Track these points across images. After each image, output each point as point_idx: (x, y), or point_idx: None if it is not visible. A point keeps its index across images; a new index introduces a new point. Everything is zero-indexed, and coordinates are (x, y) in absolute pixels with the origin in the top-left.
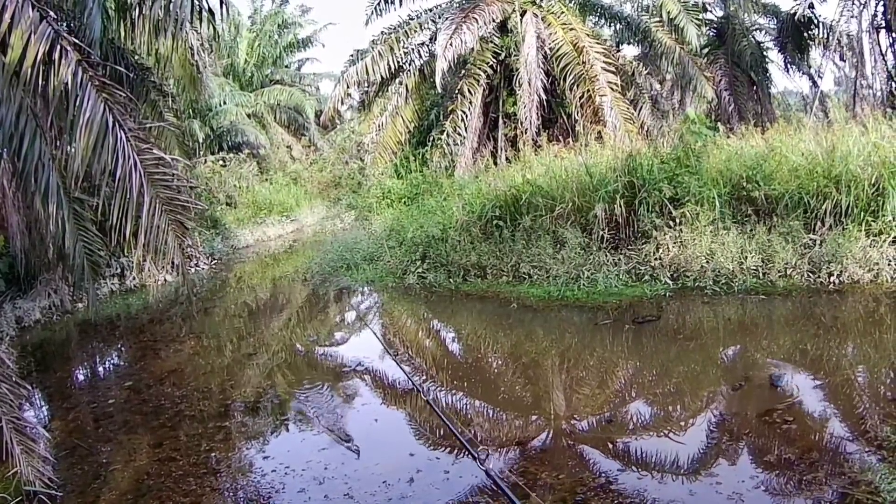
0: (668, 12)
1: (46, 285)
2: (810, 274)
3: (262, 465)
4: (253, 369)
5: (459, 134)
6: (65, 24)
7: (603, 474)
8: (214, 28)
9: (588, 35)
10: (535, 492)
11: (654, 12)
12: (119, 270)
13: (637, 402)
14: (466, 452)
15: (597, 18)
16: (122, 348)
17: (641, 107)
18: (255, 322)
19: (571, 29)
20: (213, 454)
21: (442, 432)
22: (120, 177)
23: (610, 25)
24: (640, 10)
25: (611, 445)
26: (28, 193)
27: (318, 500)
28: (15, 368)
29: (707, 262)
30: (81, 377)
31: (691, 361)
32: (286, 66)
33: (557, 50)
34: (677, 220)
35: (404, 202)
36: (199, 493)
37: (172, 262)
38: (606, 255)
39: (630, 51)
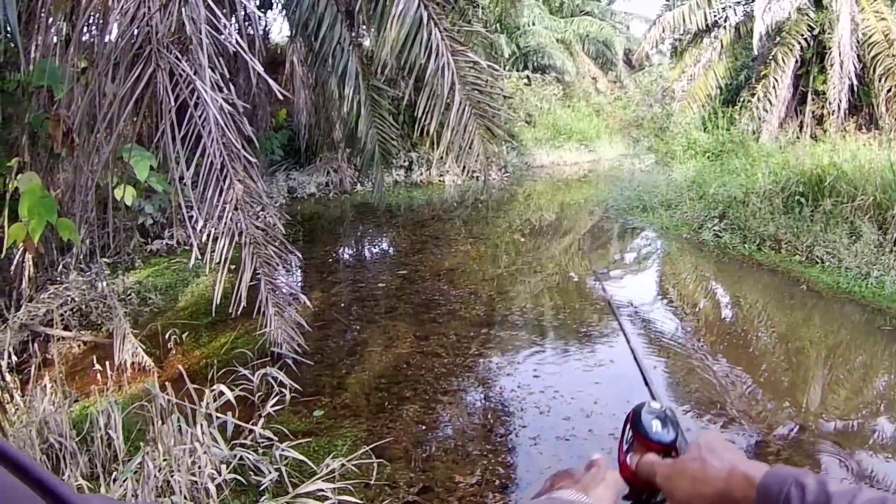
0: None
1: (327, 163)
2: None
3: (531, 383)
4: (528, 286)
5: (769, 101)
6: None
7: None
8: None
9: None
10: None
11: None
12: (407, 164)
13: (885, 417)
14: None
15: None
16: (399, 238)
17: None
18: (536, 241)
19: (883, 18)
20: (480, 360)
21: (711, 397)
22: (430, 73)
23: None
24: None
25: (853, 452)
26: (321, 74)
27: (583, 434)
28: (283, 233)
29: None
30: (349, 256)
31: None
32: (597, 0)
33: (869, 37)
34: None
35: (708, 156)
36: (459, 394)
37: (464, 166)
38: None
39: None
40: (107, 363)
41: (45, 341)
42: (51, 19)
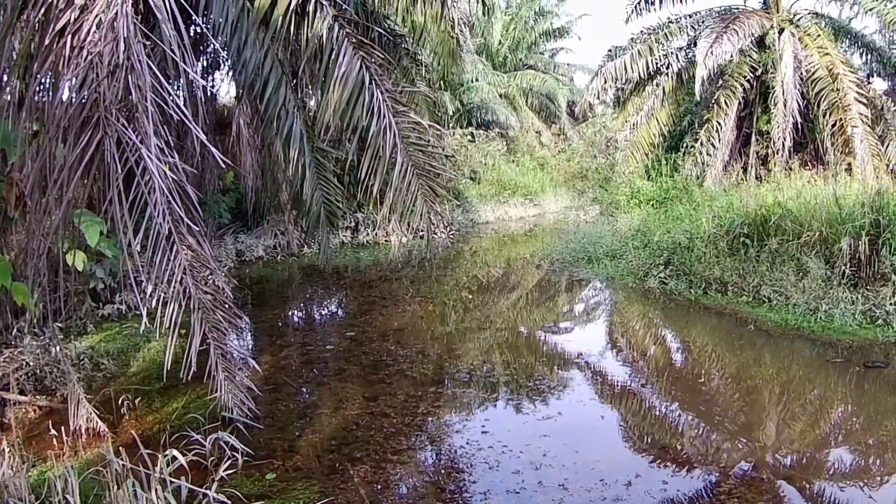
0: None
1: (274, 226)
2: None
3: (479, 439)
4: (477, 343)
5: (713, 145)
6: None
7: None
8: (485, 3)
9: (842, 62)
10: None
11: None
12: (353, 224)
13: (844, 447)
14: None
15: (848, 45)
16: (346, 299)
17: (889, 144)
18: (485, 297)
19: (826, 54)
20: (429, 418)
21: (665, 441)
22: (373, 134)
23: (861, 55)
24: (890, 43)
25: (813, 485)
26: (267, 136)
27: (532, 486)
28: (231, 298)
29: None
30: (298, 318)
31: None
32: (540, 53)
33: (813, 73)
34: None
35: (652, 204)
36: (408, 453)
37: (409, 225)
38: (845, 292)
39: (878, 84)
40: (62, 428)
41: (1, 405)
42: (5, 77)
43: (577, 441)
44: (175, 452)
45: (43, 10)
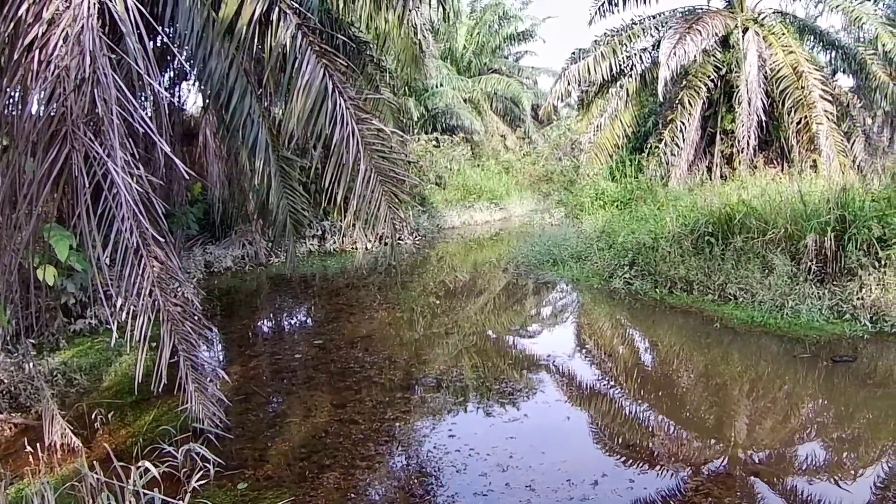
0: (884, 45)
1: (242, 236)
2: None
3: (447, 442)
4: (445, 348)
5: (677, 145)
6: None
7: None
8: (444, 7)
9: (807, 60)
10: None
11: (870, 44)
12: (320, 233)
13: (815, 442)
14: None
15: (813, 43)
16: (314, 307)
17: (854, 140)
18: (452, 302)
19: (791, 52)
20: (397, 424)
21: (633, 441)
22: (336, 142)
23: (826, 52)
24: (856, 40)
25: (784, 481)
26: (233, 146)
27: (499, 488)
28: (200, 309)
29: None
30: (267, 328)
31: (876, 409)
32: (504, 57)
33: (777, 72)
34: (882, 262)
35: (617, 206)
36: (377, 459)
37: (374, 230)
38: (812, 288)
39: (844, 81)
40: (38, 444)
41: None
42: None
43: (544, 442)
44: (148, 464)
45: (12, 25)
